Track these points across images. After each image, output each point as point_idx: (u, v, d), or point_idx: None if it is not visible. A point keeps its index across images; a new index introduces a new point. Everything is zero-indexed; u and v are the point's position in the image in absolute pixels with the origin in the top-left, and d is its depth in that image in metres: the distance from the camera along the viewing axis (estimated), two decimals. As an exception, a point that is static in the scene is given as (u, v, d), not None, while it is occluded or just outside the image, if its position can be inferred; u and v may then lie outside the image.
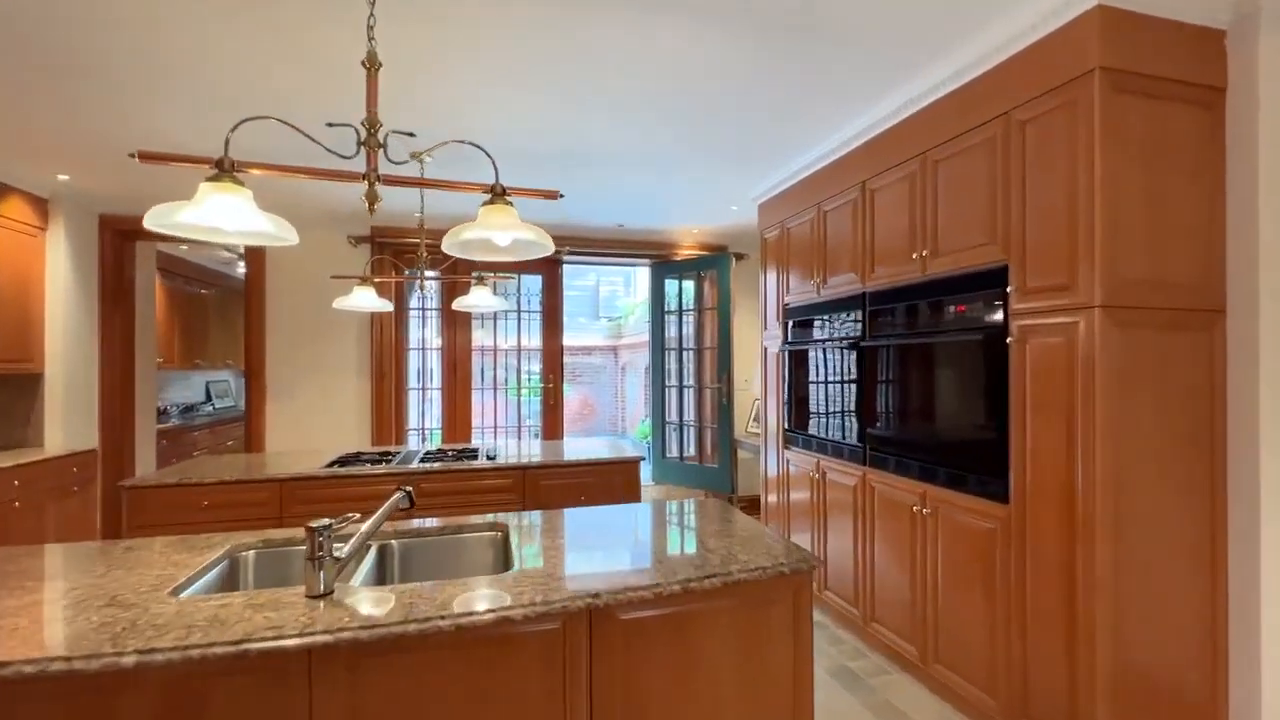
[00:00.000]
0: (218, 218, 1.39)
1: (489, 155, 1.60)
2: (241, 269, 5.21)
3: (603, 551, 1.60)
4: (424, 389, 5.33)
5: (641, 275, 11.29)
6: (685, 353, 5.66)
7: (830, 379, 3.18)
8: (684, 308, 5.60)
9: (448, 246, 1.58)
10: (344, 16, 1.97)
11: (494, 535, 1.83)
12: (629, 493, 3.17)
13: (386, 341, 4.76)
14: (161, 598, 1.27)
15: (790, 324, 3.62)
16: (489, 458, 3.14)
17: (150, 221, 1.33)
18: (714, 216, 4.72)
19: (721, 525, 1.83)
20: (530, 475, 3.03)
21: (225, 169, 1.40)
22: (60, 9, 1.95)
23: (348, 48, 2.14)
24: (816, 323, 3.33)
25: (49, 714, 1.04)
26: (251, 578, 1.66)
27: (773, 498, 3.85)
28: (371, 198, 1.53)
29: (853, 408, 2.97)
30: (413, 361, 5.39)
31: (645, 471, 5.65)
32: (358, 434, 4.74)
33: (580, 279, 11.37)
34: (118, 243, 4.34)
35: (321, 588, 1.27)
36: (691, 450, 5.55)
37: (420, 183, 1.60)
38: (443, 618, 1.16)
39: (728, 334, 5.03)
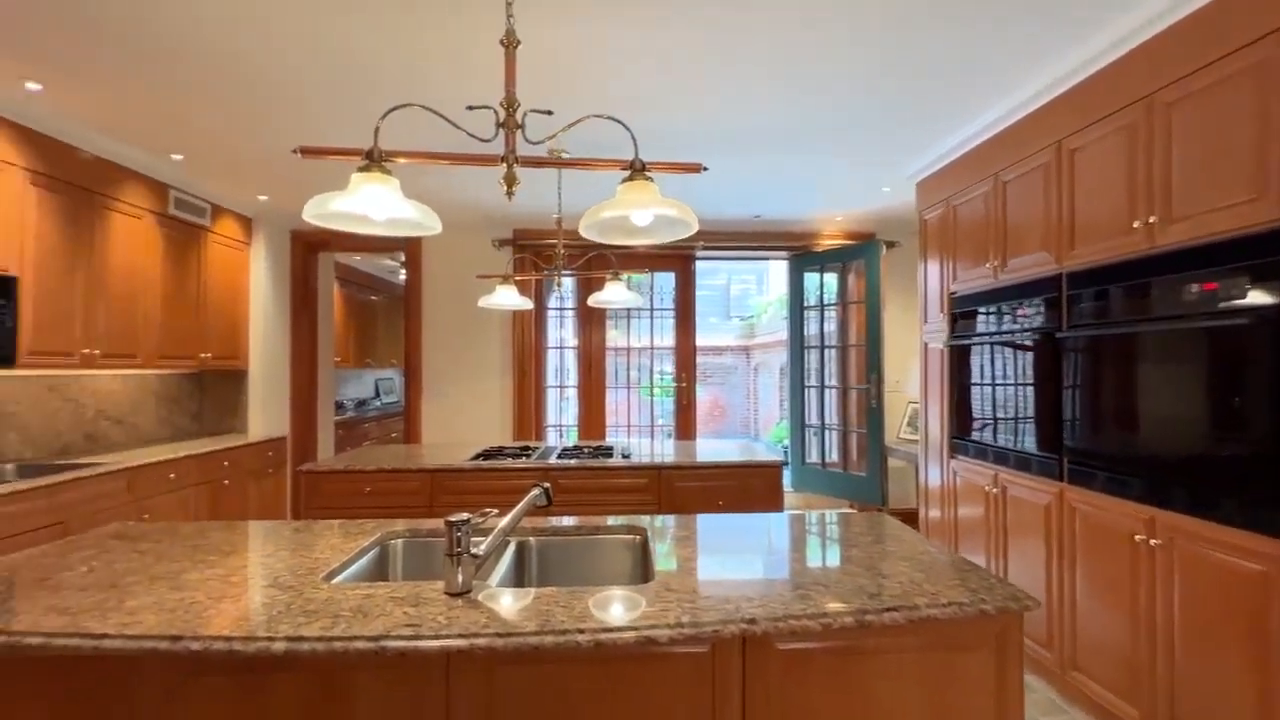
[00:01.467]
0: (367, 206, 1.40)
1: (627, 128, 1.48)
2: (404, 276, 5.71)
3: (753, 567, 1.40)
4: (561, 387, 5.45)
5: (776, 272, 10.85)
6: (827, 351, 5.26)
7: (1011, 378, 2.71)
8: (825, 302, 5.21)
9: (585, 229, 1.48)
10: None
11: (632, 539, 1.71)
12: (769, 500, 2.93)
13: (527, 341, 4.91)
14: (316, 582, 1.29)
15: (957, 316, 3.16)
16: (624, 456, 3.06)
17: (308, 211, 1.37)
18: (862, 200, 4.31)
19: (893, 545, 1.55)
20: (666, 476, 2.90)
21: (375, 159, 1.41)
22: (248, 43, 2.15)
23: (486, 30, 2.15)
24: (991, 313, 2.86)
25: (217, 686, 1.07)
26: (400, 566, 1.68)
27: (934, 512, 3.40)
28: (510, 179, 1.48)
29: (1043, 412, 2.49)
30: (551, 360, 5.54)
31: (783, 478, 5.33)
32: (500, 429, 4.94)
33: (711, 278, 11.18)
34: (305, 254, 4.90)
35: (460, 585, 1.21)
36: (834, 456, 5.14)
37: (557, 163, 1.52)
38: (581, 632, 1.04)
39: (877, 330, 4.58)
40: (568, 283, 5.51)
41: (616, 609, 1.14)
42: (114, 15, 2.03)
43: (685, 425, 5.17)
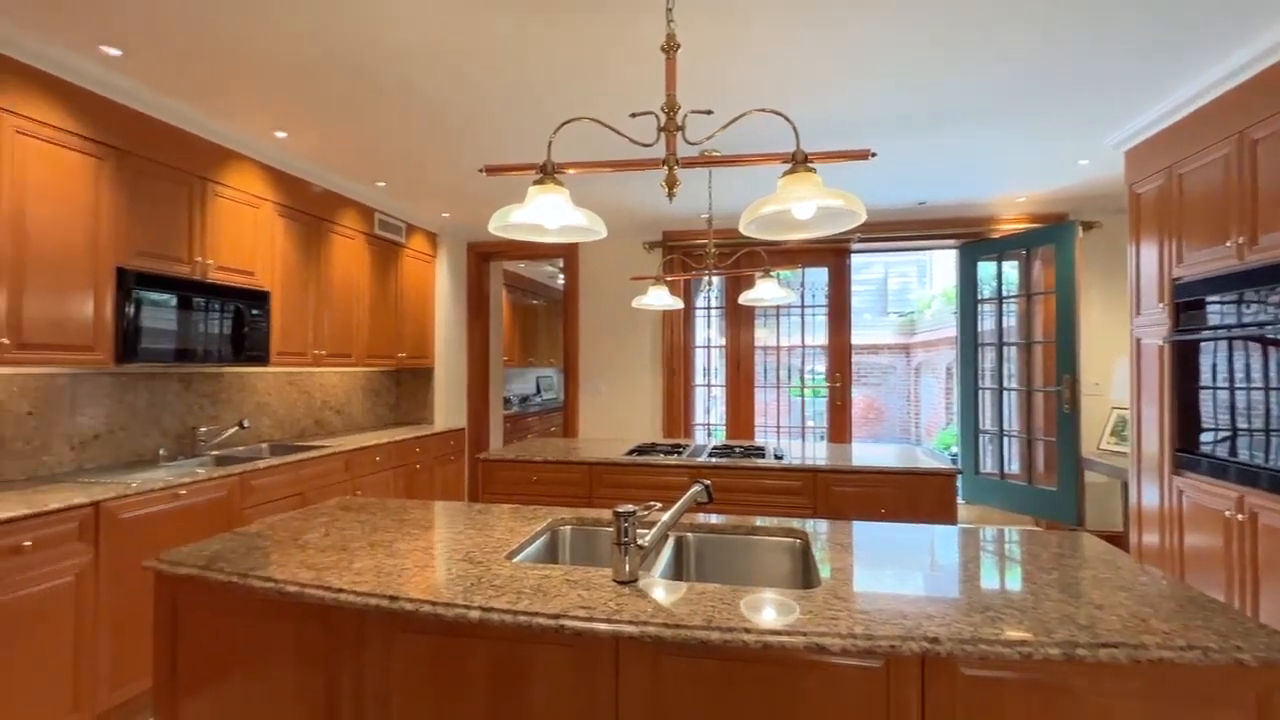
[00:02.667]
0: (542, 216, 1.51)
1: (788, 120, 1.44)
2: (562, 280, 6.11)
3: (930, 582, 1.29)
4: (709, 386, 5.47)
5: (941, 263, 9.91)
6: (1006, 349, 4.70)
7: (1260, 380, 2.22)
8: (1004, 294, 4.65)
9: (745, 226, 1.46)
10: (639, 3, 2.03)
11: (792, 543, 1.66)
12: (940, 512, 2.69)
13: (676, 340, 5.00)
14: (500, 560, 1.42)
15: (1182, 306, 2.66)
16: (777, 457, 2.99)
17: (493, 224, 1.51)
18: (1052, 177, 3.79)
19: (1103, 571, 1.34)
20: (822, 479, 2.78)
21: (548, 172, 1.52)
22: (432, 76, 2.43)
23: (645, 36, 2.21)
24: (1232, 302, 2.36)
25: (424, 643, 1.22)
26: (568, 551, 1.79)
27: (1149, 538, 2.89)
28: (671, 181, 1.51)
29: (1316, 423, 2.00)
30: (699, 359, 5.57)
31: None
32: (650, 425, 5.08)
33: (865, 272, 10.52)
34: (479, 264, 5.43)
35: (627, 574, 1.27)
36: (1014, 467, 4.58)
37: (717, 161, 1.52)
38: (747, 631, 1.04)
39: (1070, 324, 4.00)
40: (715, 282, 5.52)
41: (782, 612, 1.11)
42: (340, 67, 2.40)
43: (839, 427, 4.92)
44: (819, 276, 5.09)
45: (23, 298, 2.19)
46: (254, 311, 3.16)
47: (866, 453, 3.21)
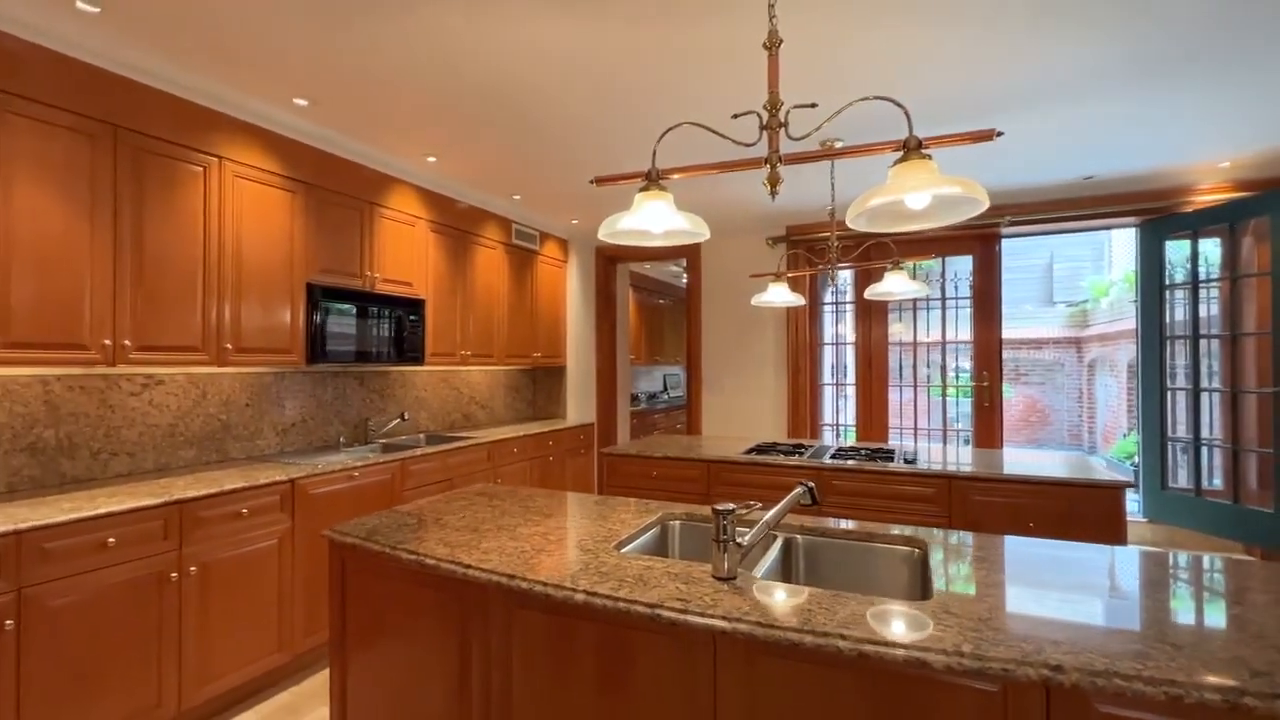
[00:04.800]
0: (648, 221, 1.58)
1: (899, 104, 1.37)
2: (685, 280, 6.19)
3: (1069, 606, 1.17)
4: (838, 384, 5.24)
5: (1121, 243, 8.54)
6: (1203, 342, 3.99)
7: None
8: (1200, 278, 3.95)
9: (853, 220, 1.41)
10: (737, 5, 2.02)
11: (910, 552, 1.58)
12: (1106, 530, 2.36)
13: (800, 337, 4.85)
14: (609, 549, 1.51)
15: None
16: (907, 461, 2.82)
17: (602, 232, 1.60)
18: (1261, 135, 3.15)
19: (1303, 610, 1.13)
20: (958, 486, 2.57)
21: (652, 178, 1.58)
22: (547, 94, 2.59)
23: (747, 35, 2.20)
24: None
25: (539, 620, 1.33)
26: (677, 544, 1.85)
27: None
28: (773, 179, 1.50)
29: None
30: (827, 357, 5.36)
31: (1131, 505, 4.23)
32: (774, 425, 4.98)
33: (1025, 257, 9.39)
34: (606, 267, 5.67)
35: (726, 571, 1.29)
36: (1217, 482, 3.87)
37: (821, 154, 1.48)
38: (843, 637, 1.02)
39: (1295, 312, 3.29)
40: (844, 276, 5.28)
41: (884, 622, 1.07)
42: (478, 96, 2.66)
43: (987, 430, 4.48)
44: (964, 265, 4.67)
45: (241, 311, 2.69)
46: (412, 317, 3.59)
47: (1019, 459, 2.90)
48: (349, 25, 2.13)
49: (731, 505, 1.31)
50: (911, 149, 1.36)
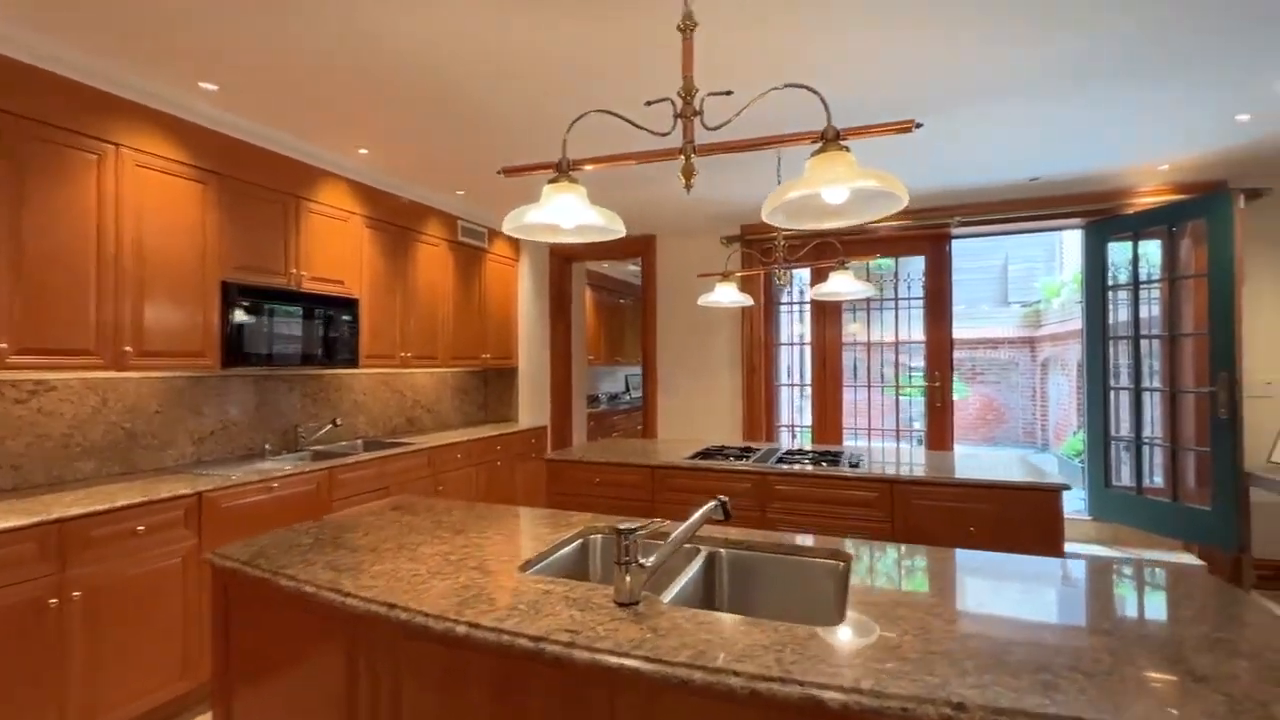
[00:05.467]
0: (557, 215, 1.46)
1: (814, 91, 1.28)
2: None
3: (982, 626, 1.10)
4: (794, 385, 5.21)
5: (1072, 244, 8.76)
6: (1144, 342, 4.05)
7: None
8: (1141, 279, 4.01)
9: (768, 214, 1.32)
10: None
11: (835, 565, 1.50)
12: (1043, 533, 2.34)
13: (755, 337, 4.80)
14: (511, 570, 1.39)
15: (1381, 287, 2.11)
16: (851, 464, 2.76)
17: (507, 225, 1.48)
18: (1198, 139, 3.19)
19: (1231, 631, 1.07)
20: (900, 491, 2.52)
21: (563, 169, 1.47)
22: (480, 81, 2.46)
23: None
24: None
25: (425, 653, 1.20)
26: (598, 562, 1.74)
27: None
28: (687, 171, 1.40)
29: None
30: (784, 357, 5.33)
31: (1078, 503, 4.29)
32: (731, 426, 4.92)
33: (982, 258, 9.56)
34: (561, 266, 5.54)
35: (628, 595, 1.18)
36: (1158, 480, 3.93)
37: (736, 145, 1.39)
38: (735, 674, 0.92)
39: (1227, 312, 3.35)
40: (801, 275, 5.25)
41: (785, 653, 0.98)
42: (404, 84, 2.51)
43: (939, 431, 4.49)
44: (918, 266, 4.67)
45: (144, 310, 2.49)
46: (345, 317, 3.41)
47: (968, 460, 2.88)
48: (257, 6, 1.97)
49: (636, 523, 1.20)
50: (830, 140, 1.28)
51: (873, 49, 2.26)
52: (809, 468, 2.70)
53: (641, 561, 1.20)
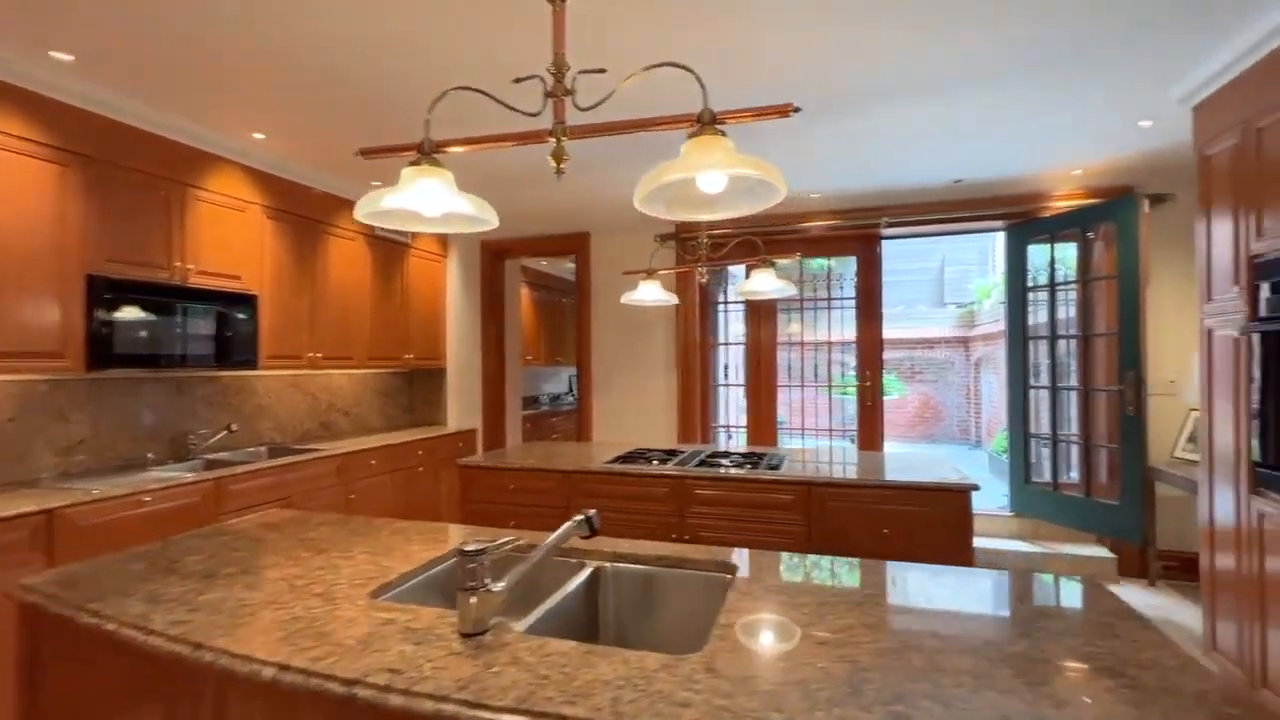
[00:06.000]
0: (417, 201, 1.32)
1: (690, 70, 1.19)
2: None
3: (849, 656, 1.02)
4: (727, 385, 5.17)
5: (1002, 246, 9.10)
6: (1061, 342, 4.17)
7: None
8: (1058, 280, 4.12)
9: (642, 200, 1.22)
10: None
11: (722, 578, 1.41)
12: (954, 533, 2.33)
13: (690, 337, 4.73)
14: (360, 597, 1.25)
15: (1263, 289, 2.18)
16: (771, 467, 2.70)
17: (359, 211, 1.33)
18: (1107, 144, 3.28)
19: (1100, 645, 1.02)
20: (816, 493, 2.48)
21: (425, 151, 1.33)
22: (388, 67, 2.29)
23: None
24: (1331, 281, 1.90)
25: (252, 699, 1.05)
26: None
27: (1224, 561, 2.42)
28: (558, 155, 1.29)
29: None
30: (722, 357, 5.29)
31: (1001, 499, 4.38)
32: (667, 429, 4.84)
33: (920, 259, 9.81)
34: (493, 262, 5.35)
35: (472, 625, 1.06)
36: (1073, 475, 4.05)
37: (611, 128, 1.28)
38: (562, 718, 0.81)
39: (1134, 313, 3.46)
40: (738, 274, 5.21)
41: (625, 691, 0.87)
42: (300, 65, 2.30)
43: (870, 430, 4.52)
44: (853, 266, 4.69)
45: (-15, 306, 2.21)
46: (241, 315, 3.15)
47: (895, 460, 2.86)
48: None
49: (483, 544, 1.08)
50: (705, 124, 1.18)
51: (775, 44, 2.20)
52: (728, 471, 2.62)
53: (491, 586, 1.08)
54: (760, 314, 4.78)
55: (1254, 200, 2.22)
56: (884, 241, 4.54)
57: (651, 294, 3.16)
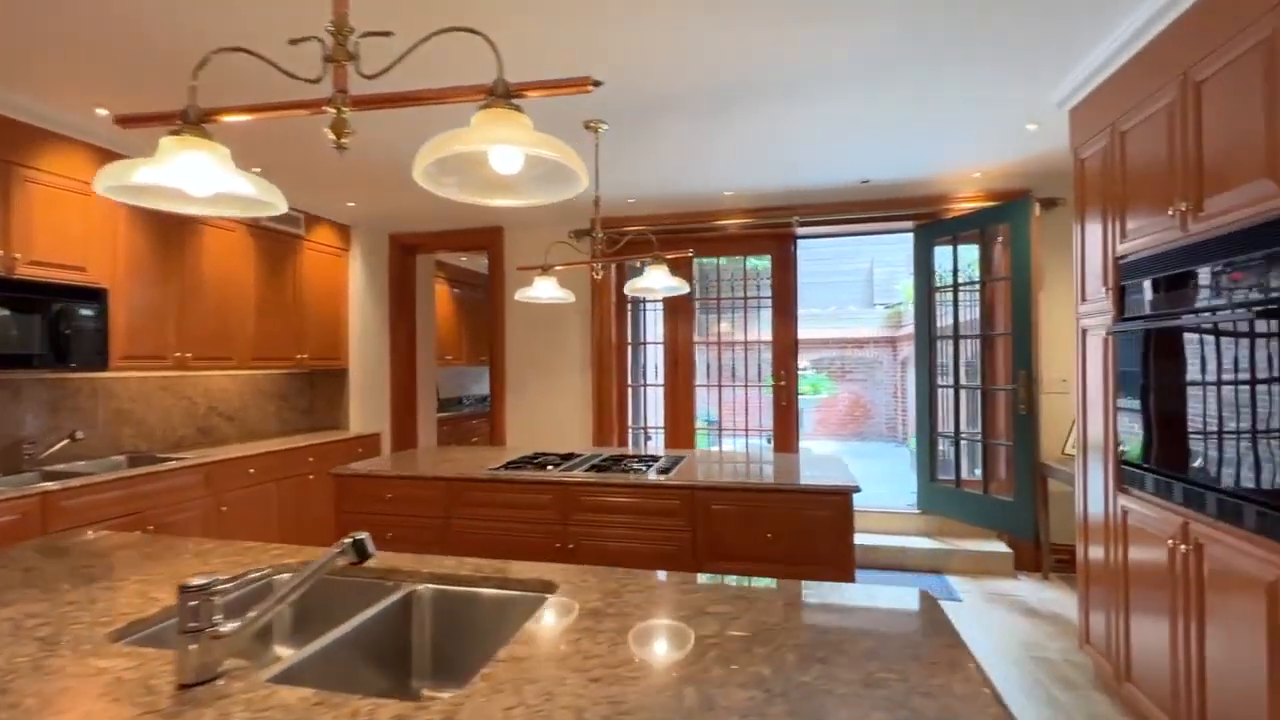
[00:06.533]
0: (180, 177, 1.14)
1: (484, 36, 1.06)
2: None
3: (635, 691, 0.91)
4: (644, 385, 5.08)
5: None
6: (965, 342, 4.26)
7: (1208, 378, 1.79)
8: (962, 281, 4.21)
9: (420, 174, 1.08)
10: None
11: (538, 598, 1.28)
12: (836, 537, 2.28)
13: (605, 334, 4.61)
14: (95, 640, 1.06)
15: (1128, 289, 2.22)
16: (662, 471, 2.61)
17: (100, 183, 1.14)
18: (1003, 148, 3.34)
19: (916, 677, 0.95)
20: (700, 498, 2.39)
21: (190, 120, 1.15)
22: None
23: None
24: (1178, 282, 1.93)
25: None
26: (288, 612, 1.42)
27: (1096, 552, 2.47)
28: (339, 128, 1.13)
29: (1272, 436, 1.58)
30: (641, 357, 5.19)
31: (911, 496, 4.44)
32: (582, 431, 4.70)
33: (851, 261, 10.01)
34: (403, 257, 5.09)
35: (194, 674, 0.90)
36: (976, 473, 4.13)
37: (395, 98, 1.14)
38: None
39: (1026, 314, 3.55)
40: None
41: (329, 755, 0.73)
42: (144, 34, 2.05)
43: (785, 430, 4.50)
44: (775, 265, 4.66)
45: None
46: (86, 311, 2.84)
47: (809, 460, 2.81)
48: None
49: (204, 580, 0.92)
50: (498, 96, 1.06)
51: (665, 35, 2.10)
52: (613, 478, 2.51)
53: (220, 627, 0.92)
54: (678, 313, 4.70)
55: (1119, 202, 2.26)
56: (801, 241, 4.54)
57: (547, 291, 3.02)
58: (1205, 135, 1.81)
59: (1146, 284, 2.10)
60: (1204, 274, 1.82)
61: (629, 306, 5.05)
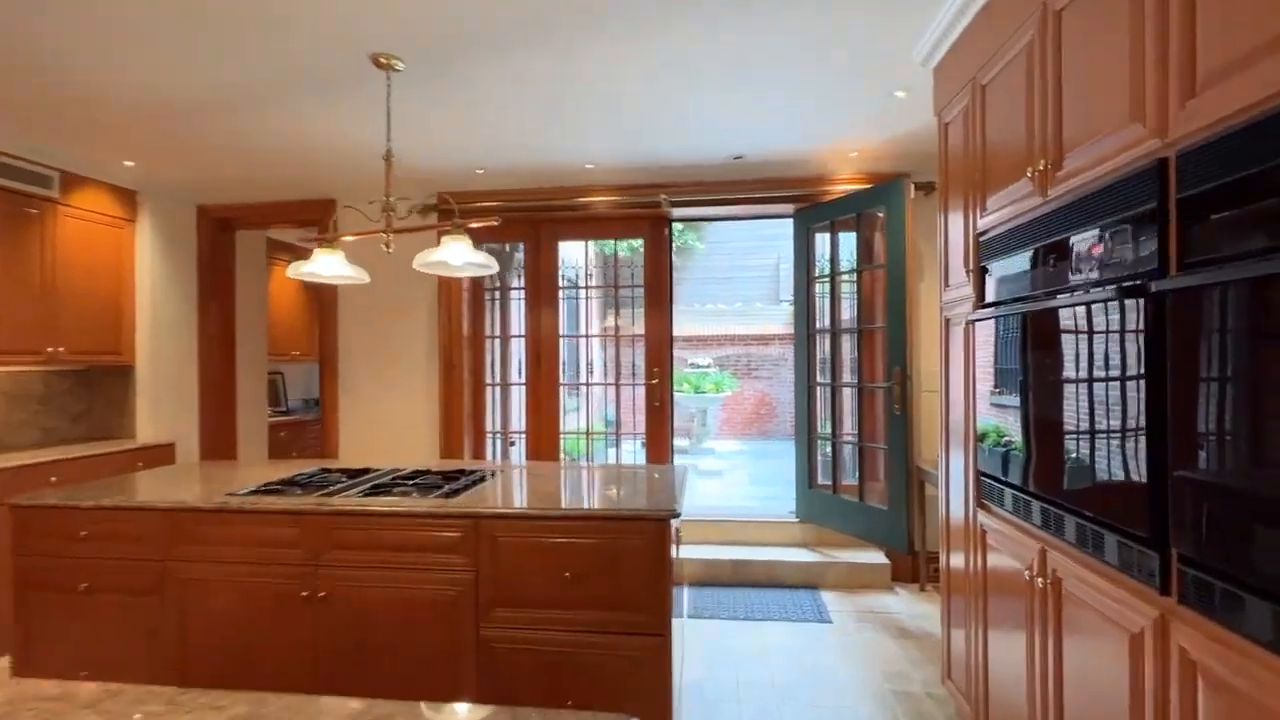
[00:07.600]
0: None
1: None
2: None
3: None
4: (512, 384, 4.53)
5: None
6: (843, 336, 3.98)
7: (1061, 375, 1.45)
8: (840, 270, 3.92)
9: None
10: None
11: None
12: (650, 573, 1.83)
13: (455, 327, 4.02)
14: None
15: (987, 270, 1.90)
16: (453, 492, 2.08)
17: None
18: (877, 121, 3.03)
19: None
20: (485, 528, 1.88)
21: None
22: None
23: None
24: (1033, 258, 1.60)
25: None
26: None
27: (958, 560, 2.15)
28: None
29: (1126, 448, 1.24)
30: (504, 352, 4.63)
31: (790, 502, 4.12)
32: (429, 438, 4.08)
33: (756, 256, 9.81)
34: (215, 233, 4.29)
35: None
36: (854, 478, 3.86)
37: None
38: None
39: (901, 306, 3.27)
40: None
41: None
42: None
43: (658, 433, 4.08)
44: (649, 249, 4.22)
45: None
46: None
47: (618, 479, 2.34)
48: None
49: None
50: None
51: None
52: (376, 506, 1.95)
53: None
54: (541, 301, 4.17)
55: (979, 170, 1.93)
56: (712, 237, 4.15)
57: (330, 268, 2.44)
58: (1065, 77, 1.47)
59: (1000, 264, 1.77)
60: (1060, 247, 1.48)
61: (493, 296, 4.49)
